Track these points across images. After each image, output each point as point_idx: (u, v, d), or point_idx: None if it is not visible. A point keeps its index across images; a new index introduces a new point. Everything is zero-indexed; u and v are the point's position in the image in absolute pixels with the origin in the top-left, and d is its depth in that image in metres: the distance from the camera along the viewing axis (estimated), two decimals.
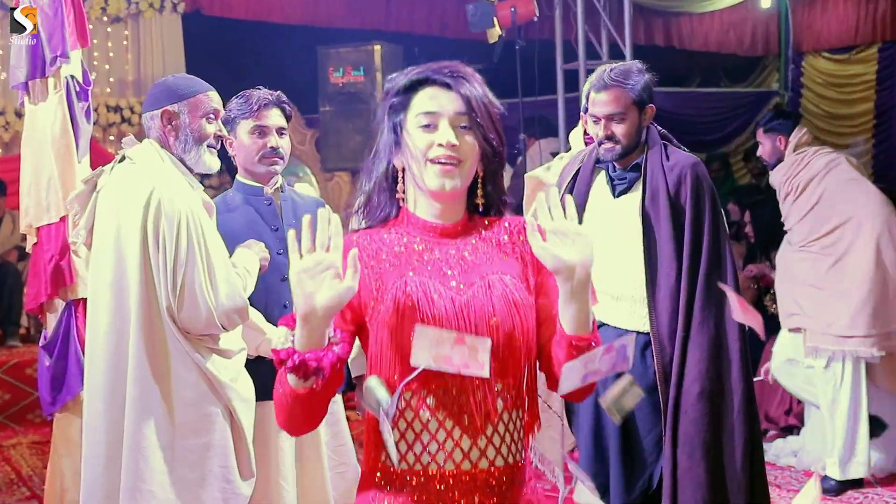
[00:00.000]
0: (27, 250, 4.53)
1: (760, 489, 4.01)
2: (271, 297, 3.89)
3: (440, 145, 2.38)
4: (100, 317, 3.58)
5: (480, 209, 2.50)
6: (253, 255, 3.71)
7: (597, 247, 3.87)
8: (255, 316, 3.81)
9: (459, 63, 2.47)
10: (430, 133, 2.41)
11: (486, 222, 2.50)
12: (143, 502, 3.47)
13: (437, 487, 2.35)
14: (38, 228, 4.34)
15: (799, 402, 7.19)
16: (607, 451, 4.03)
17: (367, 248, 2.43)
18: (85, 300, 4.09)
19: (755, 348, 7.15)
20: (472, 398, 2.34)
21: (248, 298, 3.74)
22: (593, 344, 2.31)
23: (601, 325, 3.98)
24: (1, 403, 8.11)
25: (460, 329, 2.31)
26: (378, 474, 2.39)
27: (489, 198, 2.49)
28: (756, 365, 7.19)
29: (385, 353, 2.34)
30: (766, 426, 7.28)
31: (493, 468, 2.36)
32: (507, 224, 2.50)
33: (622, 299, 3.99)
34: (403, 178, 2.46)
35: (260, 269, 3.73)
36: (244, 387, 3.63)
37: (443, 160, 2.38)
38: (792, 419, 7.22)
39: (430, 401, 2.34)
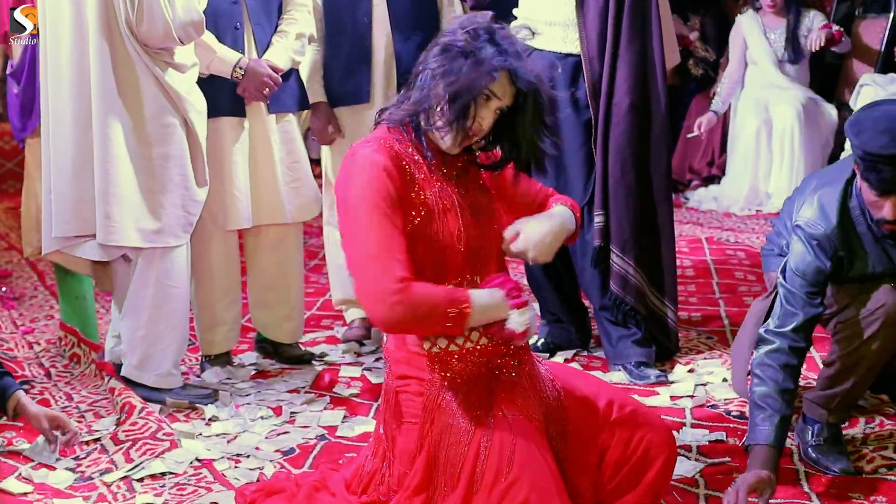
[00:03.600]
0: None
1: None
2: (222, 20, 3.79)
3: (478, 128, 2.52)
4: (61, 36, 3.49)
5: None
6: None
7: None
8: (208, 37, 3.72)
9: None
10: (481, 115, 2.51)
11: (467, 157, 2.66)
12: (115, 205, 3.48)
13: (476, 359, 2.54)
14: None
15: (721, 154, 7.28)
16: None
17: (403, 155, 2.53)
18: None
19: (679, 104, 7.23)
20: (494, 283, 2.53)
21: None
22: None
23: (534, 50, 3.95)
24: None
25: (477, 233, 2.56)
26: (427, 361, 2.54)
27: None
28: (676, 118, 7.24)
29: (425, 248, 2.51)
30: (690, 177, 7.39)
31: None
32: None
33: (555, 25, 3.92)
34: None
35: None
36: (197, 99, 3.60)
37: (479, 133, 2.54)
38: (714, 170, 7.33)
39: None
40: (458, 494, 2.45)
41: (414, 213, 2.50)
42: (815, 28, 6.75)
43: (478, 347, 2.55)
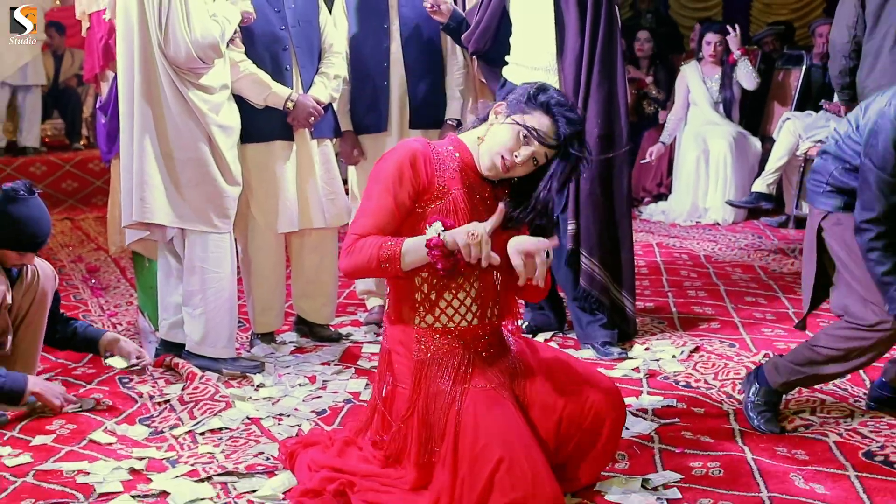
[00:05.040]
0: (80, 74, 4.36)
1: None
2: (275, 63, 3.76)
3: (512, 159, 2.42)
4: (121, 63, 3.54)
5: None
6: (235, 8, 3.56)
7: (521, 27, 3.88)
8: (264, 76, 3.71)
9: (580, 121, 2.45)
10: (516, 144, 2.42)
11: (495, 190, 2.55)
12: (147, 191, 3.49)
13: (455, 337, 2.51)
14: (90, 15, 4.15)
15: (668, 176, 7.25)
16: None
17: (437, 158, 2.47)
18: None
19: (635, 136, 7.19)
20: (486, 285, 2.51)
21: (260, 64, 3.71)
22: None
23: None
24: (71, 190, 8.01)
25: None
26: (415, 335, 2.51)
27: (525, 208, 2.51)
28: (633, 147, 7.19)
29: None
30: (643, 194, 7.35)
31: (488, 323, 2.54)
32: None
33: (538, 69, 3.86)
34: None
35: (244, 20, 3.60)
36: (225, 117, 3.56)
37: (505, 165, 2.42)
38: (662, 189, 7.29)
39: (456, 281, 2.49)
40: (446, 456, 2.40)
41: (433, 195, 2.44)
42: (740, 76, 6.76)
43: (459, 328, 2.50)
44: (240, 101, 3.70)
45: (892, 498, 2.54)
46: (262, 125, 3.73)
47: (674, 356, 3.73)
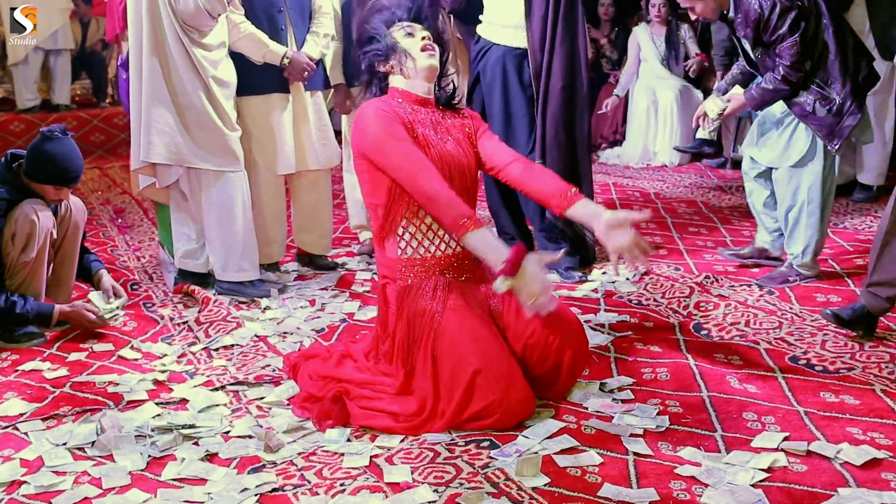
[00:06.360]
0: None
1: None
2: (272, 24, 3.65)
3: (423, 39, 2.53)
4: (130, 20, 3.45)
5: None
6: None
7: None
8: (262, 35, 3.60)
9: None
10: (413, 38, 2.53)
11: (444, 108, 2.63)
12: (154, 134, 3.42)
13: (434, 265, 2.48)
14: None
15: (622, 124, 7.17)
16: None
17: (397, 108, 2.51)
18: None
19: (593, 89, 7.09)
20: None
21: (258, 25, 3.60)
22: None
23: (493, 45, 3.82)
24: (99, 142, 7.84)
25: (450, 164, 2.49)
26: (398, 265, 2.49)
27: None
28: (591, 99, 7.10)
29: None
30: (600, 141, 7.27)
31: (461, 252, 2.51)
32: (464, 113, 2.66)
33: (509, 27, 3.78)
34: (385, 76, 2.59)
35: None
36: (222, 72, 3.48)
37: (428, 46, 2.51)
38: (617, 136, 7.22)
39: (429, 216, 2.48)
40: (426, 367, 2.39)
41: (412, 137, 2.46)
42: (684, 38, 6.68)
43: (435, 257, 2.48)
44: (241, 58, 3.60)
45: (812, 394, 2.55)
46: (261, 80, 3.64)
47: (627, 278, 3.71)
